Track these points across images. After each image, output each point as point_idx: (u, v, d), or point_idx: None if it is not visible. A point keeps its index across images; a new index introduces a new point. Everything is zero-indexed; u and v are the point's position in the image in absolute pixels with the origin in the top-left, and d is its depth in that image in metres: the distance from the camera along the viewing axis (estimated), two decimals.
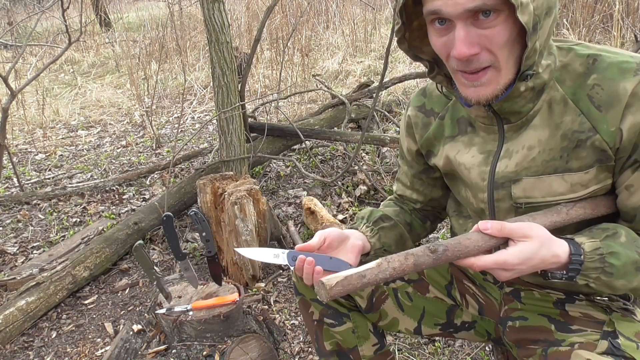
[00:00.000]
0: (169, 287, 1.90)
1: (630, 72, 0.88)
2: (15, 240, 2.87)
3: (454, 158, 1.08)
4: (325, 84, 4.32)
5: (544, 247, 0.85)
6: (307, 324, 1.26)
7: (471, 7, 0.81)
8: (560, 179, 0.94)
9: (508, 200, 1.00)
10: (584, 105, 0.91)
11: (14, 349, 2.06)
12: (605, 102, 0.89)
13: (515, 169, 0.97)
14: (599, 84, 0.90)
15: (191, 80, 5.76)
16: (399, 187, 1.30)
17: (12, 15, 8.90)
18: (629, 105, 0.87)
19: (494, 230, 0.87)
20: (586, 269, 0.87)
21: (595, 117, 0.90)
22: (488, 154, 1.02)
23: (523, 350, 1.05)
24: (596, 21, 5.17)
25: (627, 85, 0.87)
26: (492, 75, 0.88)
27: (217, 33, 2.60)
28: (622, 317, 0.98)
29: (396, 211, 1.26)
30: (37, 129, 4.88)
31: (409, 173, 1.25)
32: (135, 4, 11.39)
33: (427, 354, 1.85)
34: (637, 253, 0.88)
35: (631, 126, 0.87)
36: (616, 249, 0.87)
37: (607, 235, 0.90)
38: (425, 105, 1.15)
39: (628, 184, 0.91)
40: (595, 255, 0.87)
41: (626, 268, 0.87)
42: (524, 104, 0.93)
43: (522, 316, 1.08)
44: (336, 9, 7.20)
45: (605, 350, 0.91)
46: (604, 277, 0.87)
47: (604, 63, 0.90)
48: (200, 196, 2.31)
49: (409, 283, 1.21)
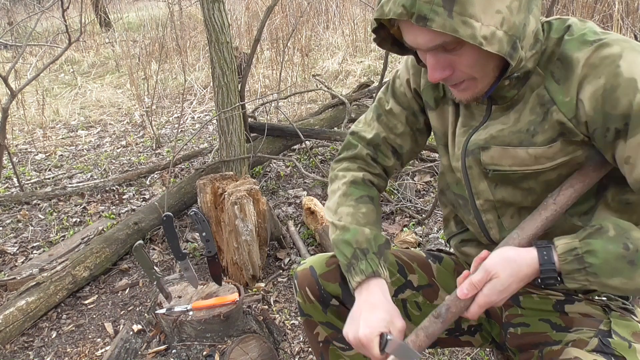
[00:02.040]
0: (169, 287, 1.90)
1: (587, 44, 0.88)
2: (15, 240, 2.87)
3: (451, 124, 1.09)
4: (325, 84, 4.32)
5: (513, 270, 0.88)
6: (311, 344, 1.25)
7: (431, 46, 0.86)
8: (524, 152, 0.95)
9: (478, 165, 1.02)
10: (547, 79, 0.92)
11: (14, 349, 2.06)
12: (562, 75, 0.90)
13: (485, 137, 0.99)
14: (558, 58, 0.91)
15: (191, 80, 5.76)
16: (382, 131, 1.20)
17: (12, 15, 8.90)
18: (583, 75, 0.86)
19: (471, 291, 0.91)
20: (567, 272, 0.86)
21: (554, 89, 0.91)
22: (469, 127, 1.04)
23: (524, 354, 1.06)
24: (596, 21, 5.17)
25: (580, 55, 0.87)
26: (468, 85, 0.93)
27: (217, 33, 2.60)
28: (620, 316, 0.98)
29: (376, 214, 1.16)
30: (37, 129, 4.88)
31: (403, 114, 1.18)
32: (135, 4, 11.39)
33: (427, 354, 1.85)
34: (623, 246, 0.84)
35: (591, 95, 0.86)
36: (595, 246, 0.85)
37: (590, 232, 0.87)
38: None
39: (626, 157, 0.86)
40: (569, 256, 0.86)
41: (610, 264, 0.84)
42: (508, 89, 0.95)
43: (524, 322, 1.07)
44: (336, 9, 7.20)
45: (595, 347, 0.91)
46: (591, 278, 0.85)
47: (567, 38, 0.91)
48: (200, 196, 2.31)
49: (419, 290, 1.20)
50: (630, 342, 0.92)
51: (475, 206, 1.07)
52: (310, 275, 1.16)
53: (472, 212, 1.09)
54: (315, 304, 1.16)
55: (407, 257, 1.23)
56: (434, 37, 0.84)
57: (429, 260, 1.25)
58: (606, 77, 0.84)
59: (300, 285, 1.17)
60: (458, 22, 0.80)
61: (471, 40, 0.80)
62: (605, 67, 0.84)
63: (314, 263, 1.18)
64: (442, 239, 2.53)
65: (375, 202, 1.17)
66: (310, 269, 1.17)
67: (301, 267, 1.20)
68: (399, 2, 0.82)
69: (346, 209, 1.13)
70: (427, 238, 2.59)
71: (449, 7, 0.80)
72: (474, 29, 0.80)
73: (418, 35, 0.86)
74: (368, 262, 1.04)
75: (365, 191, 1.17)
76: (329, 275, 1.15)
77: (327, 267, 1.16)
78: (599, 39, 0.87)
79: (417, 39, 0.87)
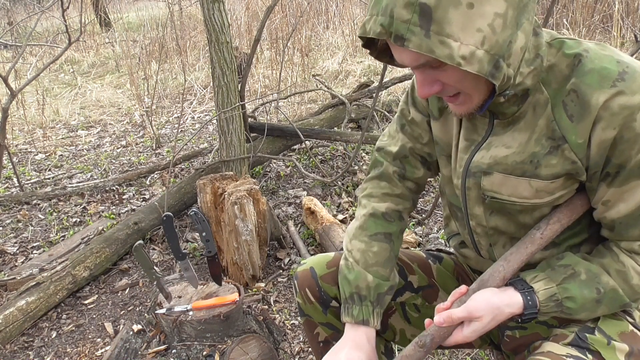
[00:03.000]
0: (169, 287, 1.90)
1: (608, 81, 0.84)
2: (15, 240, 2.87)
3: (455, 136, 1.07)
4: (325, 84, 4.32)
5: (495, 316, 0.92)
6: (311, 344, 1.25)
7: (416, 65, 0.85)
8: (527, 184, 0.94)
9: (477, 189, 1.01)
10: (558, 112, 0.89)
11: (14, 349, 2.06)
12: (577, 113, 0.87)
13: (489, 162, 0.98)
14: (575, 90, 0.87)
15: (191, 80, 5.76)
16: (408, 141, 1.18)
17: (12, 15, 8.90)
18: (598, 118, 0.84)
19: (448, 322, 0.94)
20: (544, 312, 0.93)
21: (566, 126, 0.88)
22: (471, 143, 1.02)
23: (519, 356, 1.07)
24: (596, 21, 5.17)
25: (601, 97, 0.84)
26: (463, 99, 0.91)
27: (217, 33, 2.60)
28: (613, 316, 0.98)
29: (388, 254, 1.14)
30: (37, 129, 4.88)
31: (425, 121, 1.15)
32: (135, 4, 11.39)
33: None
34: (595, 291, 0.92)
35: (600, 142, 0.86)
36: (573, 292, 0.92)
37: (565, 277, 0.93)
38: None
39: (605, 200, 0.91)
40: (550, 302, 0.92)
41: (585, 307, 0.93)
42: (508, 106, 0.93)
43: (522, 326, 1.08)
44: (336, 9, 7.20)
45: (571, 341, 0.94)
46: (563, 315, 0.95)
47: (586, 67, 0.87)
48: (200, 196, 2.31)
49: (418, 292, 1.20)
50: (611, 339, 0.93)
51: (469, 225, 1.08)
52: (311, 277, 1.16)
53: (466, 228, 1.10)
54: (315, 304, 1.16)
55: (407, 258, 1.23)
56: (417, 56, 0.82)
57: (429, 260, 1.25)
58: (620, 129, 0.84)
59: (300, 286, 1.17)
60: (435, 42, 0.77)
61: (448, 60, 0.78)
62: (623, 119, 0.83)
63: (315, 264, 1.18)
64: (442, 239, 2.54)
65: (392, 239, 1.16)
66: (311, 269, 1.17)
67: (301, 268, 1.20)
68: (378, 21, 0.80)
69: (358, 244, 1.14)
70: (427, 238, 2.59)
71: (426, 26, 0.77)
72: (451, 49, 0.77)
73: (402, 54, 0.84)
74: (361, 309, 1.08)
75: (382, 227, 1.16)
76: (329, 277, 1.16)
77: (328, 269, 1.16)
78: (621, 75, 0.84)
79: (402, 57, 0.85)
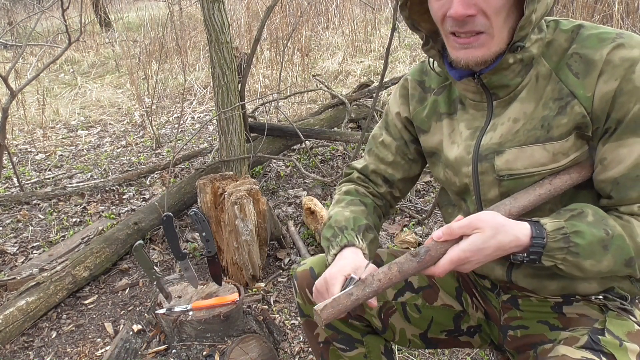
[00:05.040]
0: (169, 287, 1.90)
1: (608, 40, 0.89)
2: (15, 240, 2.87)
3: (448, 135, 1.08)
4: (325, 84, 4.32)
5: (499, 233, 0.86)
6: (311, 344, 1.25)
7: None
8: (542, 149, 0.94)
9: (491, 172, 0.99)
10: (563, 73, 0.93)
11: (14, 349, 2.06)
12: (582, 70, 0.91)
13: (499, 140, 0.98)
14: (577, 52, 0.92)
15: (191, 80, 5.76)
16: (373, 163, 1.23)
17: (12, 15, 8.90)
18: (602, 72, 0.88)
19: (447, 235, 0.88)
20: (550, 249, 0.87)
21: (573, 83, 0.91)
22: (475, 129, 1.03)
23: (522, 355, 1.06)
24: (596, 21, 5.17)
25: (604, 51, 0.88)
26: (484, 40, 0.90)
27: (217, 33, 2.60)
28: (617, 316, 0.97)
29: (366, 213, 1.16)
30: (37, 129, 4.88)
31: (394, 144, 1.20)
32: (135, 4, 11.39)
33: (427, 354, 1.85)
34: (604, 231, 0.88)
35: (603, 95, 0.88)
36: (581, 227, 0.87)
37: (573, 215, 0.90)
38: (425, 83, 1.15)
39: (601, 157, 0.92)
40: (558, 234, 0.87)
41: (592, 247, 0.87)
42: (512, 77, 0.95)
43: (523, 325, 1.07)
44: (336, 9, 7.19)
45: (584, 344, 0.91)
46: (570, 257, 0.87)
47: (584, 34, 0.92)
48: (200, 196, 2.31)
49: (418, 293, 1.20)
50: (622, 340, 0.92)
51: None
52: (310, 277, 1.16)
53: None
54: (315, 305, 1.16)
55: None
56: None
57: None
58: (620, 80, 0.87)
59: (300, 286, 1.17)
60: None
61: None
62: (623, 70, 0.87)
63: (314, 264, 1.18)
64: None
65: (367, 206, 1.18)
66: (310, 270, 1.17)
67: (301, 268, 1.20)
68: None
69: (335, 209, 1.16)
70: (427, 238, 2.59)
71: None
72: None
73: None
74: (344, 236, 1.06)
75: (357, 196, 1.20)
76: None
77: None
78: (618, 35, 0.89)
79: None
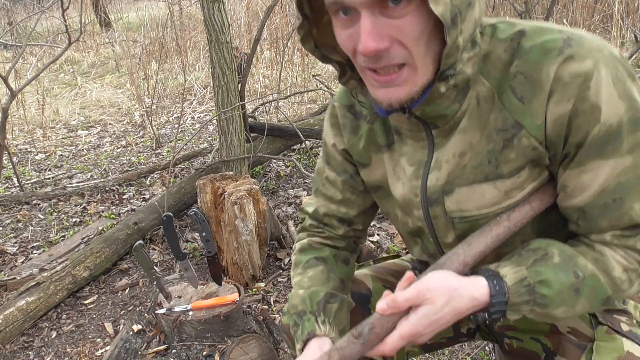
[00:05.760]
0: (169, 287, 1.90)
1: (554, 51, 0.74)
2: (15, 240, 2.87)
3: (392, 170, 0.94)
4: (325, 84, 4.32)
5: (452, 299, 0.76)
6: None
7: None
8: (492, 187, 0.82)
9: (444, 215, 0.89)
10: (507, 98, 0.79)
11: (14, 349, 2.06)
12: (527, 92, 0.76)
13: (446, 179, 0.86)
14: (521, 72, 0.77)
15: (191, 80, 5.76)
16: (322, 204, 1.08)
17: (12, 15, 8.90)
18: (551, 92, 0.74)
19: (392, 309, 0.78)
20: (514, 304, 0.77)
21: (518, 110, 0.78)
22: (419, 165, 0.90)
23: None
24: (596, 21, 5.17)
25: (550, 69, 0.74)
26: (407, 75, 0.74)
27: (217, 33, 2.60)
28: (606, 333, 0.90)
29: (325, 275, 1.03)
30: (37, 129, 4.88)
31: (339, 180, 1.05)
32: (135, 4, 11.39)
33: (427, 354, 1.85)
34: (573, 274, 0.78)
35: (556, 118, 0.75)
36: (546, 275, 0.77)
37: (536, 259, 0.79)
38: (355, 107, 0.99)
39: (563, 185, 0.80)
40: (521, 288, 0.77)
41: (562, 295, 0.77)
42: (448, 104, 0.81)
43: (517, 337, 1.03)
44: None
45: None
46: (538, 308, 0.78)
47: (525, 46, 0.77)
48: (200, 196, 2.31)
49: None
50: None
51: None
52: None
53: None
54: None
55: (392, 275, 1.16)
56: None
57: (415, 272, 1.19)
58: (574, 100, 0.74)
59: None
60: None
61: None
62: (576, 87, 0.73)
63: None
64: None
65: (326, 262, 1.06)
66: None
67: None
68: None
69: (295, 279, 1.05)
70: None
71: None
72: None
73: None
74: (305, 326, 0.95)
75: (312, 254, 1.07)
76: None
77: None
78: (566, 42, 0.75)
79: None
